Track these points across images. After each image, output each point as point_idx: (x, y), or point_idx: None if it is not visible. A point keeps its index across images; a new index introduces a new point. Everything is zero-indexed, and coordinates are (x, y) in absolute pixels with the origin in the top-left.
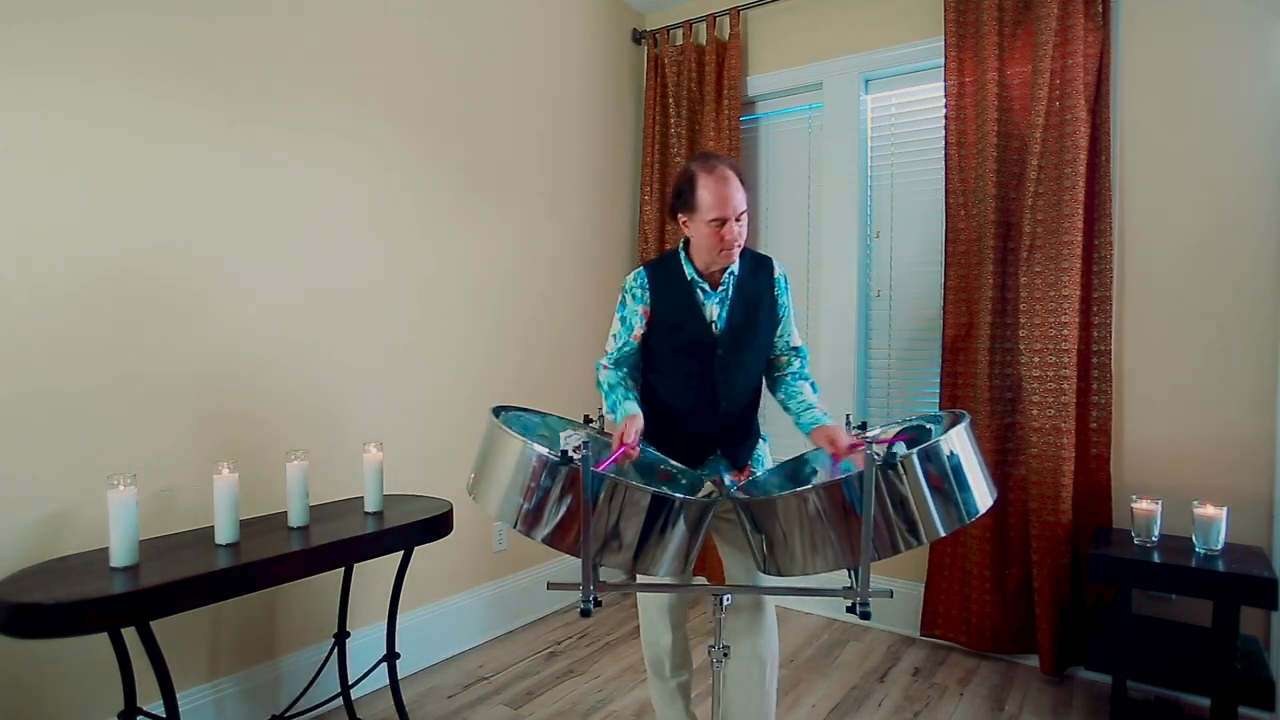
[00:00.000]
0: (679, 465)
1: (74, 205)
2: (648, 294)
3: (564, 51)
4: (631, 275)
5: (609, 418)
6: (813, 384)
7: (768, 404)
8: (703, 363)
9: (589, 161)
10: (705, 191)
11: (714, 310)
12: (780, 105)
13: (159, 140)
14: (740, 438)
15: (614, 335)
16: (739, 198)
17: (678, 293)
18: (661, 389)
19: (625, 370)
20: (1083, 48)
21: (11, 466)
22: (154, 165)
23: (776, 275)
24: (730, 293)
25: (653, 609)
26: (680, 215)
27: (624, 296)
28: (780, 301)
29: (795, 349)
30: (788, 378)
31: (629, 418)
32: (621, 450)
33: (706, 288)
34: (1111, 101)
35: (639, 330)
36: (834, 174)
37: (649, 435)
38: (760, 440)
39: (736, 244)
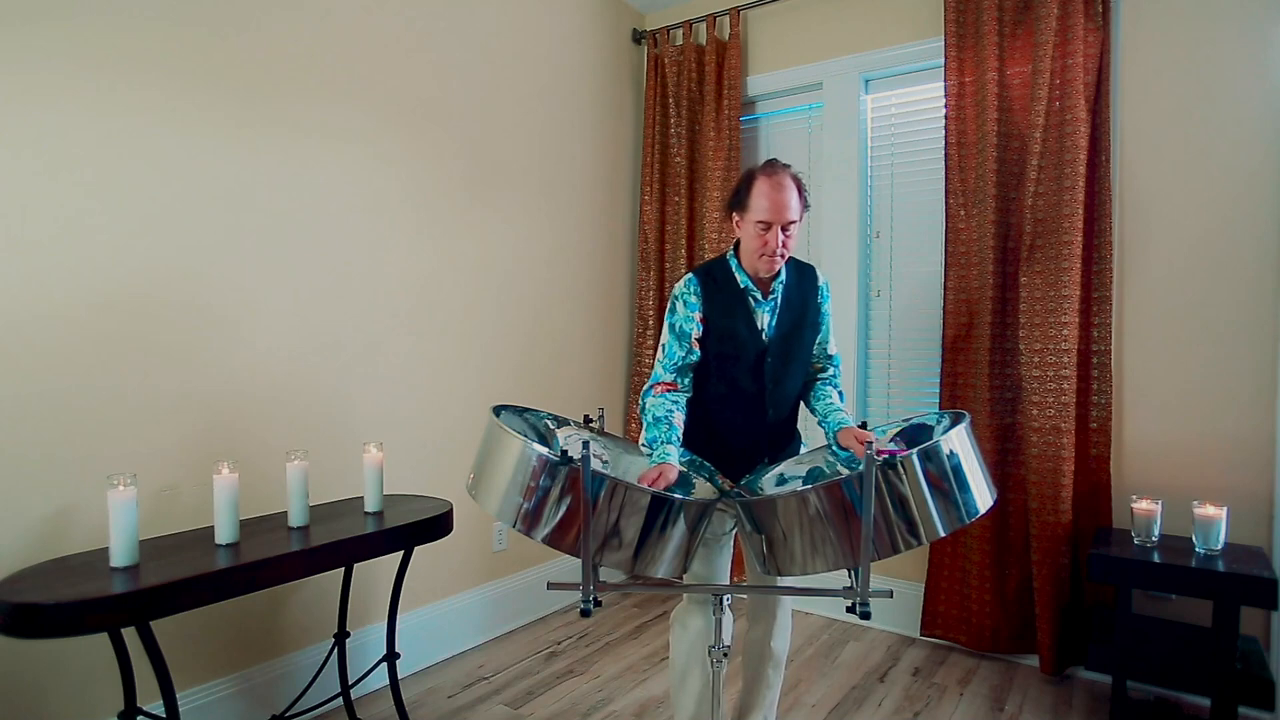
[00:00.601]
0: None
1: (73, 206)
2: (700, 300)
3: (564, 51)
4: (682, 282)
5: (643, 450)
6: (840, 393)
7: None
8: (753, 371)
9: (589, 161)
10: (759, 194)
11: (764, 319)
12: (780, 105)
13: (159, 141)
14: (785, 443)
15: (664, 346)
16: (792, 206)
17: (731, 299)
18: (709, 399)
19: (677, 396)
20: (1083, 48)
21: (12, 466)
22: (154, 167)
23: (820, 284)
24: (780, 301)
25: (696, 613)
26: (734, 214)
27: (674, 304)
28: (822, 310)
29: (830, 356)
30: (818, 382)
31: (664, 468)
32: None
33: (759, 295)
34: (1111, 101)
35: (697, 335)
36: (834, 174)
37: (696, 444)
38: (802, 444)
39: (778, 253)
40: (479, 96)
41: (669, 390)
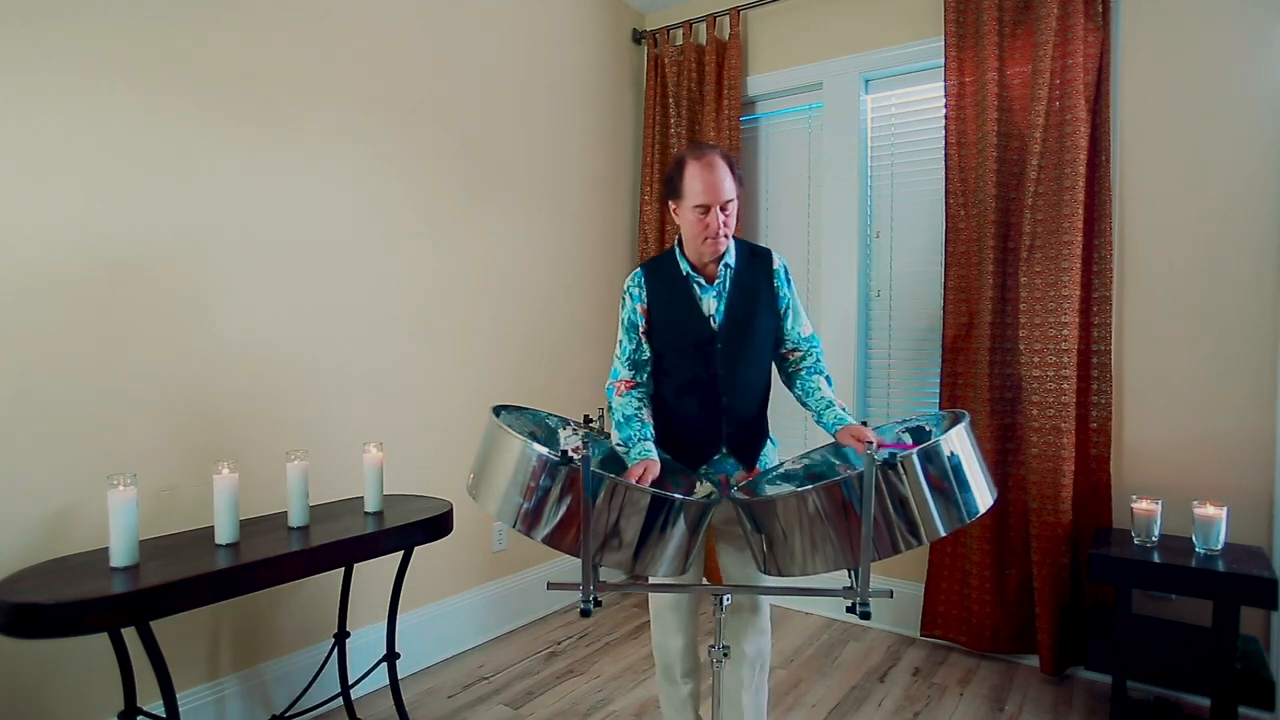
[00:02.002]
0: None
1: (74, 205)
2: (644, 292)
3: (564, 51)
4: (629, 276)
5: (618, 449)
6: (827, 378)
7: (779, 403)
8: (703, 358)
9: (589, 161)
10: (692, 178)
11: (711, 304)
12: (780, 105)
13: (160, 141)
14: (748, 436)
15: (620, 343)
16: (726, 185)
17: (673, 289)
18: (664, 388)
19: (641, 393)
20: (1083, 48)
21: (11, 466)
22: (155, 166)
23: (775, 267)
24: (728, 286)
25: (664, 611)
26: (671, 202)
27: (623, 299)
28: (781, 294)
29: (807, 339)
30: (802, 372)
31: (647, 464)
32: None
33: (702, 281)
34: (1111, 101)
35: (643, 329)
36: (834, 174)
37: (657, 436)
38: (770, 442)
39: (722, 234)
40: (479, 96)
41: (630, 388)
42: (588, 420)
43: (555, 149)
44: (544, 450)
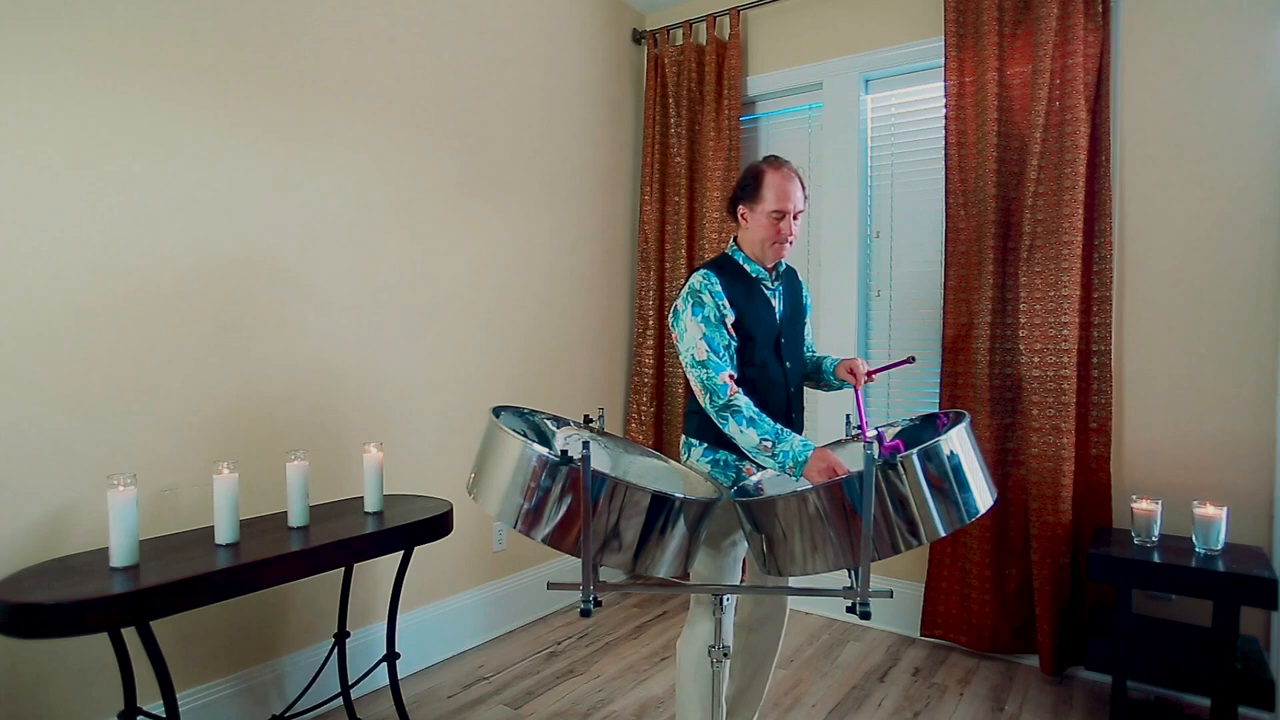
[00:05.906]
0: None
1: (73, 207)
2: (721, 288)
3: (564, 51)
4: (699, 277)
5: (763, 442)
6: None
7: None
8: (775, 352)
9: (589, 161)
10: (770, 186)
11: (775, 303)
12: (780, 105)
13: (158, 142)
14: (800, 426)
15: (707, 339)
16: (799, 196)
17: (747, 287)
18: (746, 383)
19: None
20: (1083, 48)
21: (11, 466)
22: (154, 167)
23: (802, 280)
24: (782, 288)
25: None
26: (741, 207)
27: (698, 298)
28: (808, 305)
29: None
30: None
31: (825, 452)
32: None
33: (769, 282)
34: (1111, 101)
35: (731, 321)
36: (834, 174)
37: (721, 439)
38: None
39: (790, 239)
40: (478, 97)
41: (735, 380)
42: (587, 420)
43: (555, 149)
44: (544, 450)
